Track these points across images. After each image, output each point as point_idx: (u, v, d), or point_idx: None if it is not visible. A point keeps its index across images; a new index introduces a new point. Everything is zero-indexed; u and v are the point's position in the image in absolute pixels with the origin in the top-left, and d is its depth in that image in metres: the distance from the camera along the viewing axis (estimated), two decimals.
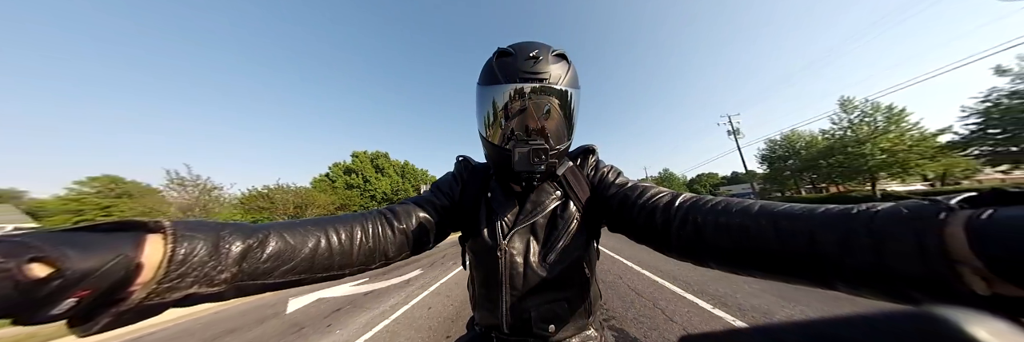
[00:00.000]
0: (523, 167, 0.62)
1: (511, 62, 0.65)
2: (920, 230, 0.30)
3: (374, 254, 0.61)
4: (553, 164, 0.66)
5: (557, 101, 0.66)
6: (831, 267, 0.36)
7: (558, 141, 0.69)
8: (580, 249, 0.74)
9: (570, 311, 0.73)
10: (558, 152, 0.69)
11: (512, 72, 0.64)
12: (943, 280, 0.28)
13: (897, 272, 0.31)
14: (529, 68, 0.63)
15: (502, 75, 0.65)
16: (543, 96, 0.65)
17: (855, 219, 0.35)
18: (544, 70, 0.64)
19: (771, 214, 0.44)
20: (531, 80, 0.63)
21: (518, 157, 0.62)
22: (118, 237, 0.33)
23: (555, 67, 0.65)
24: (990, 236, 0.25)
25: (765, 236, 0.43)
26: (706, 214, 0.52)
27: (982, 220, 0.26)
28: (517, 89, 0.63)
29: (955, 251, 0.27)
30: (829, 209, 0.39)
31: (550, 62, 0.65)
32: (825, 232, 0.37)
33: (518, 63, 0.64)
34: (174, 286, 0.35)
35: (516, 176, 0.68)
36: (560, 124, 0.68)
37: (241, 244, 0.43)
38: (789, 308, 3.19)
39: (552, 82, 0.64)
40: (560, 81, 0.65)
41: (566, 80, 0.66)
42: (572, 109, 0.68)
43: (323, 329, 3.98)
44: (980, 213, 0.27)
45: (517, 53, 0.65)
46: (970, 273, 0.27)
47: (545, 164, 0.62)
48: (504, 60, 0.66)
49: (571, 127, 0.70)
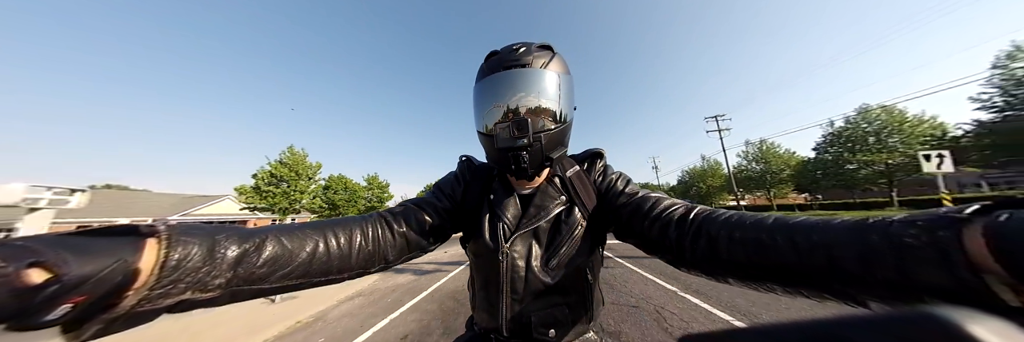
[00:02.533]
0: (505, 143, 0.64)
1: (497, 58, 0.71)
2: (940, 240, 0.29)
3: (373, 257, 0.60)
4: (539, 150, 0.66)
5: (540, 82, 0.68)
6: (854, 282, 0.35)
7: (546, 122, 0.68)
8: (583, 256, 0.73)
9: (571, 316, 0.72)
10: (552, 132, 0.67)
11: (497, 65, 0.69)
12: (972, 291, 0.27)
13: (923, 284, 0.30)
14: (512, 58, 0.69)
15: (488, 69, 0.70)
16: (524, 79, 0.67)
17: (872, 230, 0.34)
18: (526, 58, 0.68)
19: (787, 227, 0.43)
20: (513, 67, 0.68)
21: (499, 132, 0.65)
22: (117, 242, 0.33)
23: (538, 55, 0.70)
24: (1009, 242, 0.25)
25: (781, 250, 0.42)
26: (720, 228, 0.51)
27: (998, 227, 0.26)
28: (498, 77, 0.68)
29: (978, 260, 0.26)
30: (844, 220, 0.39)
31: (533, 52, 0.70)
32: (843, 245, 0.36)
33: (503, 56, 0.70)
34: (166, 292, 0.35)
35: (506, 161, 0.67)
36: (546, 105, 0.67)
37: (237, 248, 0.43)
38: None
39: (534, 66, 0.68)
40: (543, 66, 0.69)
41: (550, 65, 0.70)
42: (559, 91, 0.69)
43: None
44: (995, 219, 0.26)
45: (503, 50, 0.72)
46: (998, 283, 0.26)
47: (528, 137, 0.63)
48: (491, 58, 0.72)
49: (561, 111, 0.69)
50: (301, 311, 4.95)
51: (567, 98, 0.71)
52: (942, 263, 0.28)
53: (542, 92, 0.67)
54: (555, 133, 0.68)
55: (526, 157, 0.65)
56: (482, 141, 0.74)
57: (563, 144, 0.73)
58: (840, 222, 0.39)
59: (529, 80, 0.67)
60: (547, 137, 0.67)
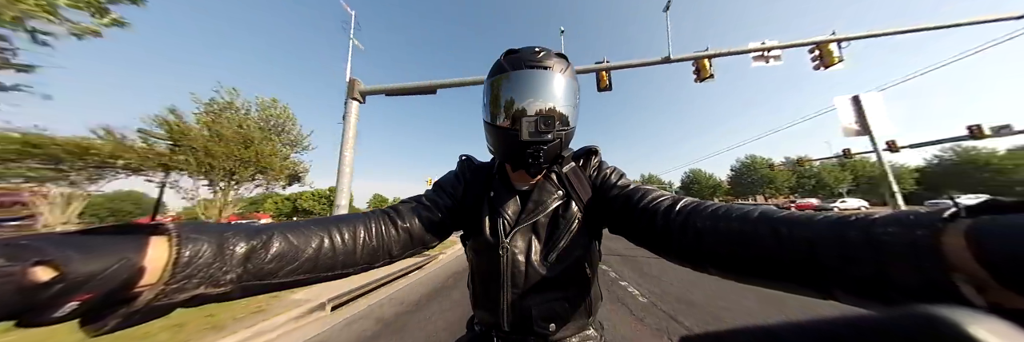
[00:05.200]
0: (533, 136, 0.66)
1: (518, 56, 0.72)
2: (917, 239, 0.29)
3: (378, 253, 0.62)
4: (556, 146, 0.69)
5: (563, 86, 0.71)
6: (831, 277, 0.36)
7: (562, 124, 0.70)
8: (581, 249, 0.75)
9: (570, 310, 0.74)
10: (566, 132, 0.71)
11: (519, 62, 0.71)
12: (940, 290, 0.27)
13: (896, 282, 0.30)
14: (534, 58, 0.71)
15: (510, 66, 0.71)
16: (551, 80, 0.70)
17: (853, 227, 0.35)
18: (548, 61, 0.71)
19: (770, 221, 0.44)
20: (537, 67, 0.70)
21: (526, 126, 0.66)
22: (121, 240, 0.34)
23: (558, 61, 0.72)
24: (993, 244, 0.25)
25: (764, 243, 0.43)
26: (706, 219, 0.52)
27: (984, 228, 0.26)
28: (523, 74, 0.70)
29: (953, 260, 0.27)
30: (828, 216, 0.40)
31: (553, 57, 0.73)
32: (824, 240, 0.37)
33: (524, 56, 0.72)
34: (181, 287, 0.36)
35: (523, 157, 0.69)
36: (565, 108, 0.71)
37: (245, 245, 0.44)
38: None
39: (555, 71, 0.71)
40: (562, 71, 0.72)
41: (567, 72, 0.73)
42: (575, 97, 0.73)
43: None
44: (979, 221, 0.26)
45: (523, 50, 0.74)
46: (966, 284, 0.26)
47: (552, 133, 0.65)
48: (511, 55, 0.73)
49: (572, 115, 0.73)
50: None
51: (577, 105, 0.75)
52: (916, 262, 0.29)
53: (564, 95, 0.71)
54: (567, 134, 0.72)
55: (543, 152, 0.68)
56: (493, 133, 0.74)
57: (568, 146, 0.77)
58: (823, 218, 0.40)
59: (555, 82, 0.70)
60: (565, 135, 0.71)
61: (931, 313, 0.16)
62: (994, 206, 0.28)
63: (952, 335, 0.15)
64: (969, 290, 0.26)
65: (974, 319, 0.15)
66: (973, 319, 0.15)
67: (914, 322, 0.16)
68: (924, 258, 0.28)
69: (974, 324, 0.15)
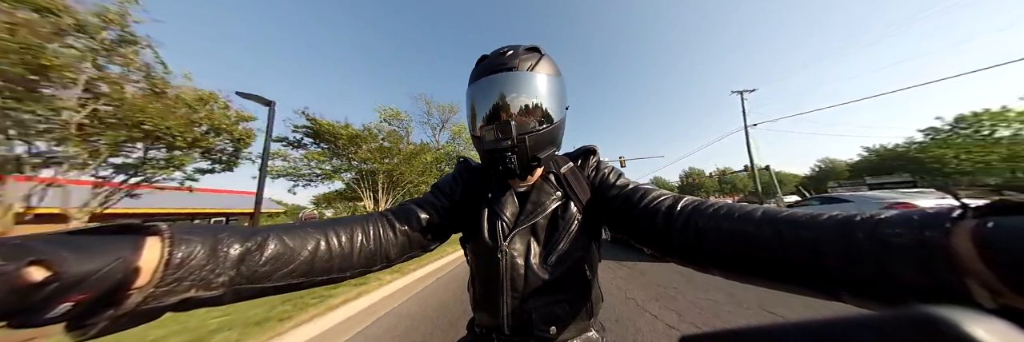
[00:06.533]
0: (491, 145, 0.66)
1: (484, 63, 0.72)
2: (926, 239, 0.29)
3: (375, 256, 0.61)
4: (526, 149, 0.68)
5: (525, 85, 0.69)
6: (837, 278, 0.35)
7: (532, 123, 0.70)
8: (581, 250, 0.74)
9: (571, 313, 0.73)
10: (537, 133, 0.69)
11: (482, 70, 0.71)
12: (950, 292, 0.27)
13: (902, 283, 0.30)
14: (499, 62, 0.70)
15: (474, 75, 0.72)
16: (509, 82, 0.69)
17: (859, 227, 0.34)
18: (513, 61, 0.69)
19: (774, 220, 0.43)
20: (500, 71, 0.69)
21: (485, 135, 0.67)
22: (117, 240, 0.33)
23: (525, 57, 0.70)
24: (1003, 246, 0.24)
25: (767, 243, 0.42)
26: (708, 219, 0.51)
27: (992, 229, 0.25)
28: (483, 82, 0.70)
29: (962, 262, 0.26)
30: (833, 216, 0.39)
31: (521, 55, 0.71)
32: (829, 241, 0.36)
33: (489, 61, 0.71)
34: (171, 290, 0.35)
35: (494, 162, 0.68)
36: (532, 107, 0.69)
37: (239, 247, 0.43)
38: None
39: (520, 69, 0.69)
40: (529, 68, 0.70)
41: (537, 67, 0.71)
42: (546, 93, 0.71)
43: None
44: (987, 222, 0.26)
45: (491, 55, 0.73)
46: (976, 285, 0.26)
47: (511, 140, 0.65)
48: (478, 64, 0.74)
49: (549, 112, 0.71)
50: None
51: (556, 99, 0.72)
52: (925, 263, 0.28)
53: (527, 95, 0.69)
54: (543, 133, 0.70)
55: (513, 158, 0.67)
56: (474, 143, 0.76)
57: (553, 144, 0.75)
58: (828, 217, 0.39)
59: (514, 83, 0.69)
60: (533, 138, 0.68)
61: (931, 313, 0.16)
62: (1001, 206, 0.28)
63: (952, 335, 0.15)
64: (979, 292, 0.25)
65: (974, 319, 0.15)
66: (973, 319, 0.15)
67: (914, 322, 0.16)
68: (935, 259, 0.28)
69: (974, 324, 0.15)
